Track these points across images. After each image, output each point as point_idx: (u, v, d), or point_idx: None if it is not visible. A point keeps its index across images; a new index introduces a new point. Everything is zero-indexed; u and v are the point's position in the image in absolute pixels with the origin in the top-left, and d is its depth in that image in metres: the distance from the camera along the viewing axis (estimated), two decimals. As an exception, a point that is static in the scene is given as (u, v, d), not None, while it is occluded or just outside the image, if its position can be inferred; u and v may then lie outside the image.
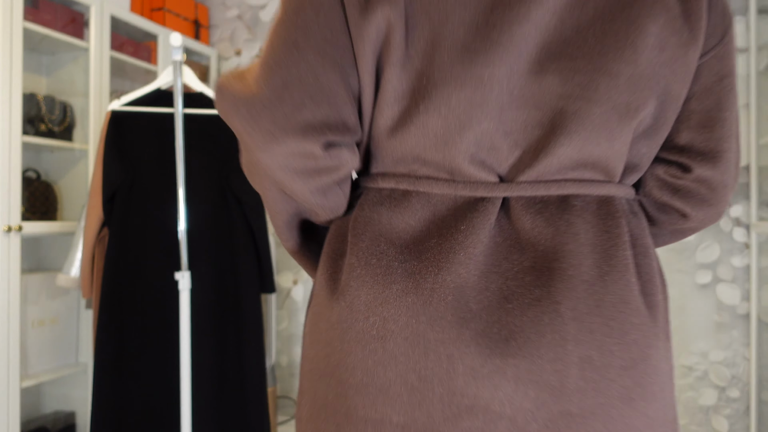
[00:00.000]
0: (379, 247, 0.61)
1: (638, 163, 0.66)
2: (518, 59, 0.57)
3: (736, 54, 0.68)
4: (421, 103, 0.59)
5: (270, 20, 3.01)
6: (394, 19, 0.57)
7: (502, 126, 0.59)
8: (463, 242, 0.59)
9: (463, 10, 0.56)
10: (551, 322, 0.56)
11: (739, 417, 2.28)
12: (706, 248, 2.32)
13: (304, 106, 0.57)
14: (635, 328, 0.58)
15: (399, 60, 0.58)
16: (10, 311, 2.02)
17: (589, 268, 0.58)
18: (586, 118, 0.58)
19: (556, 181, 0.61)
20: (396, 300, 0.58)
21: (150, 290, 1.95)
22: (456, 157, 0.60)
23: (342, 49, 0.59)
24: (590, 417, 0.55)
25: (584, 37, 0.57)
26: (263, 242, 2.11)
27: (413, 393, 0.56)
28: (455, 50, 0.57)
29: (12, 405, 2.02)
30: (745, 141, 2.25)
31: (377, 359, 0.58)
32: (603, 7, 0.57)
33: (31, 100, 2.23)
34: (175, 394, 1.94)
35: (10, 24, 2.01)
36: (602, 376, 0.56)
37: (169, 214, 1.98)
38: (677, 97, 0.62)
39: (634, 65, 0.58)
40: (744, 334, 2.27)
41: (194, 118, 2.06)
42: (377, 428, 0.58)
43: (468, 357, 0.56)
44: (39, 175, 2.35)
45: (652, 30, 0.58)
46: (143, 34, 2.70)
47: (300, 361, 0.67)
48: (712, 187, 0.66)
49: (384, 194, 0.63)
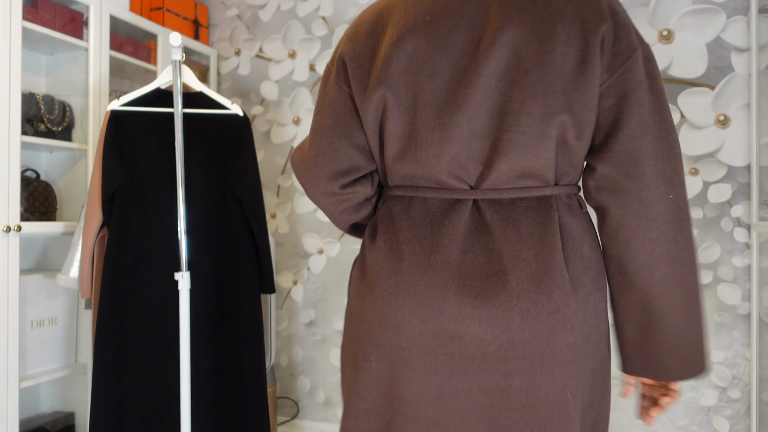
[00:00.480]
0: (395, 235, 0.95)
1: (567, 170, 0.93)
2: (472, 109, 0.88)
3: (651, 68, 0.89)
4: (412, 142, 0.93)
5: (269, 20, 3.00)
6: (387, 95, 0.92)
7: (466, 152, 0.90)
8: (447, 232, 0.91)
9: (432, 82, 0.89)
10: (503, 287, 0.87)
11: (740, 417, 2.27)
12: (707, 248, 2.31)
13: (326, 166, 0.99)
14: (558, 288, 0.87)
15: (393, 115, 0.92)
16: (9, 311, 2.01)
17: (527, 250, 0.88)
18: (516, 143, 0.87)
19: (507, 188, 0.91)
20: (405, 271, 0.92)
21: (149, 290, 1.95)
22: (439, 174, 0.92)
23: (349, 122, 0.97)
24: (527, 343, 0.87)
25: (512, 92, 0.86)
26: (263, 243, 2.10)
27: (415, 328, 0.90)
28: (430, 107, 0.90)
29: (11, 405, 2.02)
30: (746, 141, 2.24)
31: (392, 308, 0.92)
32: (525, 66, 0.85)
33: (30, 99, 2.22)
34: (175, 394, 1.93)
35: (9, 23, 2.00)
36: (535, 319, 0.86)
37: (168, 213, 1.98)
38: (585, 120, 0.87)
39: (545, 106, 0.86)
40: (745, 335, 2.26)
41: (194, 118, 2.05)
42: (392, 350, 0.92)
43: (450, 307, 0.88)
44: (38, 175, 2.35)
45: (563, 63, 0.85)
46: (143, 34, 2.69)
47: (345, 310, 1.05)
48: (612, 180, 0.88)
49: (397, 199, 0.98)
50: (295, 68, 2.94)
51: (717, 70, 2.29)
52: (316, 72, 2.90)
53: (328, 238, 2.88)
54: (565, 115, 0.86)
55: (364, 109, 0.93)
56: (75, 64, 2.41)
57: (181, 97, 1.84)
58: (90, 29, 2.34)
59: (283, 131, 2.97)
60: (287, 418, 2.94)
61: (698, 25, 2.31)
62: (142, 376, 1.93)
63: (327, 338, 2.88)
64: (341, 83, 0.97)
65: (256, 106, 3.03)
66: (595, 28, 0.85)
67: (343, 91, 0.97)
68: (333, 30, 2.86)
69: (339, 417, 2.85)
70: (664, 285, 0.89)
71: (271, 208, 3.00)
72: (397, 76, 0.90)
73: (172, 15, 2.85)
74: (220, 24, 3.13)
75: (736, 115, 2.26)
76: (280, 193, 2.99)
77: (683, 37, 2.33)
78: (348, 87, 0.96)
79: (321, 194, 1.03)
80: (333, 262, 2.87)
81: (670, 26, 2.34)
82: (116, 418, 1.91)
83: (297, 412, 2.94)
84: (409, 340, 0.90)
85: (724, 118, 2.28)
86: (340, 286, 2.86)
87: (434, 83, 0.89)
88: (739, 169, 2.26)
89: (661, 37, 2.35)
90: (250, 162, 2.10)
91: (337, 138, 0.97)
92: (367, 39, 0.94)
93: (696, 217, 2.33)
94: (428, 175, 0.93)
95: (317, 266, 2.90)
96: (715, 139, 2.29)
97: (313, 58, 2.91)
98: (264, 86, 3.01)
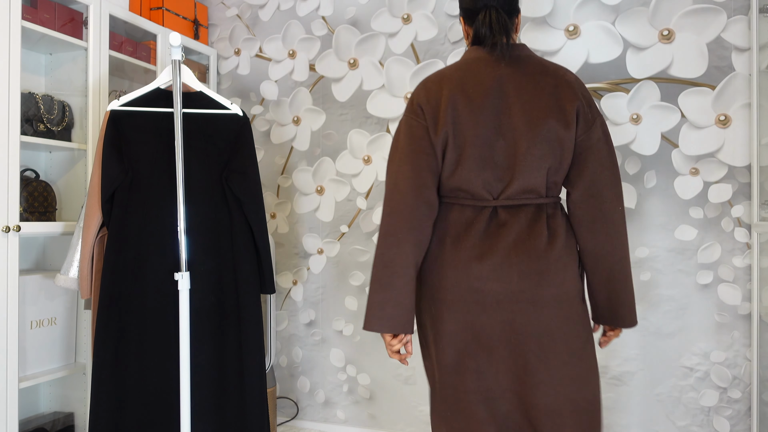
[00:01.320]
0: (447, 231, 1.43)
1: (552, 188, 1.44)
2: (499, 150, 1.39)
3: (605, 129, 1.46)
4: (459, 166, 1.41)
5: (269, 19, 3.00)
6: (449, 132, 1.40)
7: (493, 176, 1.41)
8: (474, 228, 1.41)
9: (474, 131, 1.39)
10: (507, 257, 1.38)
11: (741, 418, 2.27)
12: (708, 248, 2.31)
13: (418, 174, 1.41)
14: (542, 259, 1.38)
15: (451, 147, 1.41)
16: (9, 312, 2.01)
17: (523, 235, 1.39)
18: (523, 172, 1.39)
19: (517, 198, 1.41)
20: (454, 254, 1.41)
21: (149, 290, 1.94)
22: (475, 189, 1.42)
23: (426, 151, 1.42)
24: (522, 293, 1.36)
25: (523, 142, 1.38)
26: (263, 243, 2.10)
27: (458, 287, 1.39)
28: (472, 147, 1.39)
29: (10, 405, 2.01)
30: (747, 141, 2.24)
31: (450, 278, 1.40)
32: (530, 126, 1.39)
33: (29, 99, 2.22)
34: (175, 394, 1.93)
35: (9, 23, 2.00)
36: (528, 277, 1.36)
37: (168, 214, 1.97)
38: (565, 160, 1.41)
39: (542, 151, 1.39)
40: (745, 335, 2.26)
41: (194, 118, 2.05)
42: (449, 300, 1.40)
43: (475, 272, 1.38)
44: (37, 175, 2.34)
45: (552, 125, 1.38)
46: (142, 34, 2.69)
47: (420, 286, 1.49)
48: (584, 198, 1.42)
49: (447, 206, 1.46)
50: (295, 68, 2.94)
51: (717, 69, 2.29)
52: (315, 72, 2.90)
53: (328, 239, 2.87)
54: (553, 157, 1.40)
55: (435, 142, 1.42)
56: (74, 63, 2.40)
57: (180, 97, 1.83)
58: (89, 29, 2.33)
59: (283, 131, 2.97)
60: (287, 418, 2.94)
61: (699, 25, 2.30)
62: (141, 377, 1.92)
63: (327, 338, 2.88)
64: (420, 119, 1.43)
65: (255, 106, 3.03)
66: (572, 106, 1.40)
67: (422, 125, 1.42)
68: (333, 30, 2.86)
69: (339, 417, 2.85)
70: (621, 264, 1.43)
71: (270, 208, 3.00)
72: (454, 125, 1.40)
73: (172, 15, 2.85)
74: (219, 24, 3.13)
75: (737, 115, 2.26)
76: (279, 193, 2.98)
77: (684, 36, 2.32)
78: (425, 121, 1.42)
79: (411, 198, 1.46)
80: (333, 263, 2.87)
81: (670, 26, 2.34)
82: (116, 418, 1.91)
83: (297, 412, 2.93)
84: (451, 294, 1.41)
85: (725, 118, 2.28)
86: (339, 287, 2.85)
87: (475, 132, 1.40)
88: (740, 169, 2.26)
89: (662, 37, 2.35)
90: (249, 162, 2.10)
91: (418, 165, 1.43)
92: (433, 95, 1.43)
93: (696, 217, 2.33)
94: (467, 189, 1.42)
95: (317, 266, 2.90)
96: (716, 139, 2.29)
97: (312, 58, 2.90)
98: (264, 86, 3.01)
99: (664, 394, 2.37)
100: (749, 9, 2.24)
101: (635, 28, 2.38)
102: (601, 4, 2.43)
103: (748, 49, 2.24)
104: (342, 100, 2.85)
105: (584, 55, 2.45)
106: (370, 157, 2.80)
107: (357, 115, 2.82)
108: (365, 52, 2.80)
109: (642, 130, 2.38)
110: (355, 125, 2.82)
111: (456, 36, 2.65)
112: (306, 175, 2.92)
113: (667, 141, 2.36)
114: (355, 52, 2.82)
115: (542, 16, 2.51)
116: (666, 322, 2.37)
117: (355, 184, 2.83)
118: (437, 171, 1.42)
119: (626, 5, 2.40)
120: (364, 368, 2.81)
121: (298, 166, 2.94)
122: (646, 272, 2.39)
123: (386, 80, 2.76)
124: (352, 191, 2.84)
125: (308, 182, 2.92)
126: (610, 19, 2.42)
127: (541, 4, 2.51)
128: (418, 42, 2.71)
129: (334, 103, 2.86)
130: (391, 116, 2.75)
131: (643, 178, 2.39)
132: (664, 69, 2.35)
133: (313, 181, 2.91)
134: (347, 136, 2.84)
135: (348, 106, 2.84)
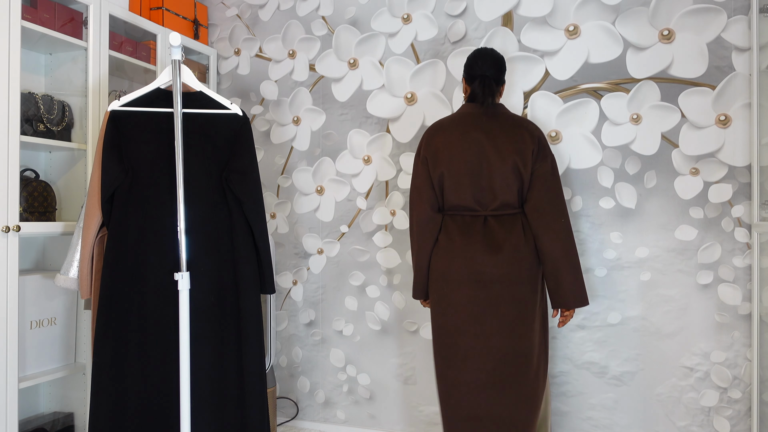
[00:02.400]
0: (447, 235, 2.07)
1: (521, 203, 2.05)
2: (483, 178, 2.04)
3: (554, 164, 2.09)
4: (455, 190, 2.06)
5: (269, 19, 3.00)
6: (444, 171, 2.07)
7: (480, 195, 2.04)
8: (472, 230, 2.05)
9: (464, 166, 2.05)
10: (496, 251, 2.00)
11: (741, 418, 2.27)
12: (708, 248, 2.31)
13: (423, 200, 2.11)
14: (519, 251, 1.99)
15: (446, 179, 2.07)
16: (8, 312, 2.01)
17: (505, 237, 2.01)
18: (500, 190, 2.03)
19: (500, 210, 2.04)
20: (453, 251, 2.04)
21: (149, 291, 1.94)
22: (468, 203, 2.06)
23: (427, 184, 2.11)
24: (508, 274, 1.99)
25: (497, 172, 2.03)
26: (263, 243, 2.09)
27: (462, 269, 2.02)
28: (464, 176, 2.05)
29: (10, 406, 2.01)
30: (747, 141, 2.24)
31: (450, 263, 2.04)
32: (501, 160, 2.03)
33: (29, 99, 2.22)
34: (174, 394, 1.93)
35: (8, 23, 2.00)
36: (510, 262, 1.99)
37: (168, 214, 1.97)
38: (526, 183, 2.03)
39: (512, 178, 2.03)
40: (746, 335, 2.26)
41: (194, 118, 2.05)
42: (453, 284, 2.03)
43: (477, 258, 2.01)
44: (37, 175, 2.34)
45: (516, 161, 2.01)
46: (142, 34, 2.69)
47: (429, 273, 2.11)
48: (532, 211, 2.02)
49: (448, 218, 2.09)
50: (295, 68, 2.94)
51: (718, 69, 2.29)
52: (315, 72, 2.90)
53: (327, 239, 2.87)
54: (519, 181, 2.02)
55: (432, 175, 2.08)
56: (74, 63, 2.40)
57: (180, 97, 1.83)
58: (89, 29, 2.33)
59: (283, 131, 2.97)
60: (287, 418, 2.94)
61: (699, 25, 2.30)
62: (141, 377, 1.92)
63: (327, 338, 2.88)
64: (425, 167, 2.10)
65: (255, 106, 3.03)
66: (530, 145, 2.02)
67: (425, 168, 2.10)
68: (333, 30, 2.86)
69: (338, 417, 2.85)
70: (563, 258, 1.98)
71: (270, 208, 3.00)
72: (447, 163, 2.04)
73: (172, 15, 2.85)
74: (219, 24, 3.13)
75: (737, 114, 2.26)
76: (279, 193, 2.98)
77: (684, 36, 2.32)
78: (426, 164, 2.10)
79: (423, 213, 2.11)
80: (333, 263, 2.87)
81: (670, 26, 2.34)
82: (115, 418, 1.91)
83: (297, 412, 2.93)
84: (457, 276, 2.01)
85: (725, 117, 2.28)
86: (339, 287, 2.85)
87: (465, 167, 2.03)
88: (740, 169, 2.26)
89: (662, 37, 2.35)
90: (249, 162, 2.09)
91: (425, 190, 2.10)
92: (432, 141, 2.10)
93: (697, 218, 2.33)
94: (463, 205, 2.05)
95: (317, 266, 2.89)
96: (716, 138, 2.29)
97: (312, 58, 2.90)
98: (264, 86, 3.01)
99: (664, 394, 2.37)
100: (749, 9, 2.23)
101: (635, 28, 2.38)
102: (601, 4, 2.43)
103: (749, 49, 2.24)
104: (342, 100, 2.85)
105: (584, 55, 2.45)
106: (370, 157, 2.80)
107: (357, 115, 2.82)
108: (365, 52, 2.80)
109: (642, 130, 2.38)
110: (355, 125, 2.82)
111: (456, 36, 2.65)
112: (306, 175, 2.92)
113: (667, 141, 2.36)
114: (355, 52, 2.82)
115: (542, 16, 2.51)
116: (666, 322, 2.37)
117: (355, 184, 2.83)
118: (435, 197, 2.10)
119: (626, 5, 2.40)
120: (364, 368, 2.81)
121: (298, 166, 2.94)
122: (646, 272, 2.39)
123: (386, 80, 2.76)
124: (352, 191, 2.83)
125: (308, 182, 2.92)
126: (610, 19, 2.42)
127: (541, 4, 2.51)
128: (418, 42, 2.71)
129: (334, 103, 2.86)
130: (391, 116, 2.75)
131: (643, 178, 2.39)
132: (664, 69, 2.35)
133: (313, 181, 2.91)
134: (347, 136, 2.84)
135: (348, 106, 2.84)
